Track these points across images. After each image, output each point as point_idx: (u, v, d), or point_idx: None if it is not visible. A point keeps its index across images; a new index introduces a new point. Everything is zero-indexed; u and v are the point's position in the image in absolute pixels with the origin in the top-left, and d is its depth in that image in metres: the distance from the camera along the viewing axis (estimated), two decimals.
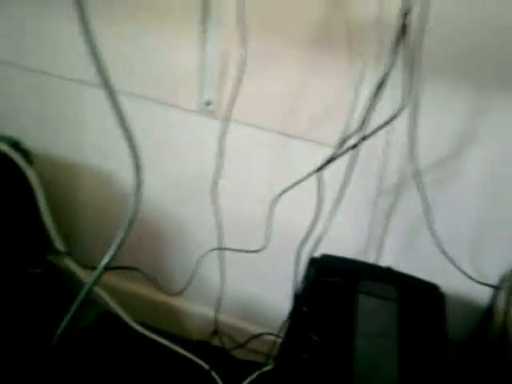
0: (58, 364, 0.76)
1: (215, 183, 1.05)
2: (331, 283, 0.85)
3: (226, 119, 1.02)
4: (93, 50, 0.56)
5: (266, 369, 1.15)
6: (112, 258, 0.67)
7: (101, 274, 0.67)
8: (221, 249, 1.12)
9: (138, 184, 0.62)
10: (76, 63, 1.10)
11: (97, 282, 0.68)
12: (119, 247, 0.66)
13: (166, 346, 1.19)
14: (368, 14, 0.86)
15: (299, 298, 0.87)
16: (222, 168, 1.04)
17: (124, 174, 1.20)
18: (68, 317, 0.69)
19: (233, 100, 0.97)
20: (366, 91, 0.92)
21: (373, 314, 0.78)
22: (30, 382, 0.74)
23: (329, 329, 0.77)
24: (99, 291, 1.09)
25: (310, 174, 0.94)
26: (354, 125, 0.96)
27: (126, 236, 0.66)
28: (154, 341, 1.17)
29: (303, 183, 0.95)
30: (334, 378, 0.69)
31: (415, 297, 0.83)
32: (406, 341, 0.74)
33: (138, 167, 0.62)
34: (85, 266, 1.07)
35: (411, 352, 0.73)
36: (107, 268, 0.98)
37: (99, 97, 1.09)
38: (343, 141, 0.90)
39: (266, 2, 0.91)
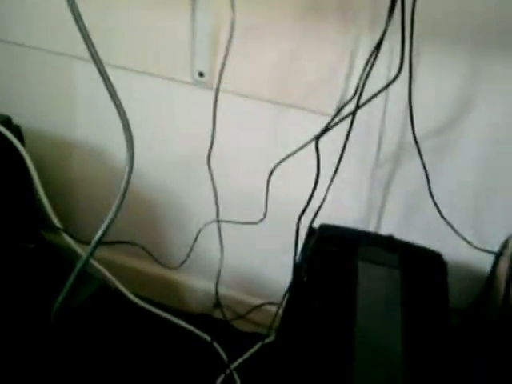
0: (56, 339, 0.75)
1: (209, 155, 1.03)
2: (331, 252, 0.84)
3: (219, 90, 1.00)
4: (80, 25, 0.54)
5: (267, 340, 1.15)
6: (107, 230, 0.66)
7: (96, 246, 0.67)
8: (219, 221, 1.11)
9: (130, 156, 0.61)
10: (66, 37, 1.08)
11: (92, 254, 0.68)
12: (113, 218, 0.66)
13: (166, 320, 1.19)
14: None
15: (299, 268, 0.86)
16: (216, 140, 1.02)
17: (116, 149, 1.18)
18: (64, 291, 0.68)
19: (224, 69, 0.94)
20: (362, 58, 0.91)
21: (374, 280, 0.77)
22: (30, 358, 0.74)
23: (330, 297, 0.77)
24: (97, 266, 1.09)
25: (306, 143, 0.93)
26: (351, 93, 0.94)
27: (119, 208, 0.65)
28: (155, 314, 1.18)
29: (300, 153, 0.94)
30: (337, 346, 0.69)
31: (418, 264, 0.82)
32: (409, 308, 0.73)
33: (129, 140, 0.60)
34: (81, 241, 1.07)
35: (415, 320, 0.72)
36: (105, 242, 0.97)
37: (89, 71, 1.09)
38: (340, 109, 0.88)
39: None
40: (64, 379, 0.78)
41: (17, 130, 1.02)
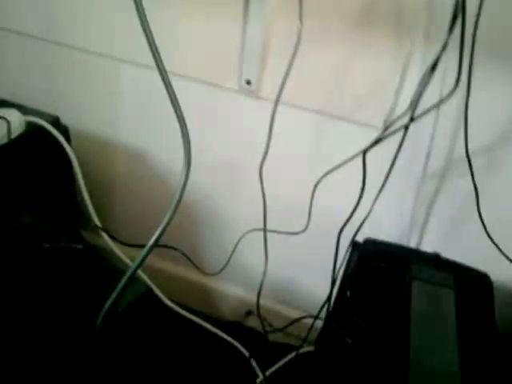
0: (102, 342, 0.76)
1: (262, 164, 1.03)
2: (377, 268, 0.83)
3: (268, 100, 1.00)
4: (148, 32, 0.55)
5: (302, 351, 1.14)
6: (160, 236, 0.66)
7: (148, 253, 0.66)
8: (262, 230, 1.11)
9: (188, 164, 0.61)
10: (116, 41, 1.09)
11: (144, 261, 0.67)
12: (166, 227, 0.65)
13: (201, 326, 1.19)
14: None
15: (342, 282, 0.85)
16: (263, 148, 1.02)
17: (159, 152, 1.19)
18: (114, 295, 0.68)
19: (286, 81, 0.94)
20: (413, 73, 0.90)
21: (428, 300, 0.76)
22: (77, 359, 0.74)
23: (377, 314, 0.76)
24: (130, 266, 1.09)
25: (354, 156, 0.92)
26: (400, 107, 0.94)
27: (173, 216, 0.65)
28: (189, 320, 1.17)
29: (346, 165, 0.93)
30: (388, 364, 0.68)
31: (469, 285, 0.81)
32: (463, 329, 0.72)
33: (187, 148, 0.60)
34: (121, 243, 1.07)
35: (468, 344, 0.71)
36: (145, 245, 0.98)
37: (136, 74, 1.10)
38: (391, 122, 0.87)
39: None
40: (106, 382, 0.78)
41: (65, 131, 1.03)
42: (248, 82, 1.02)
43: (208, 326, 1.20)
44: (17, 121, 0.94)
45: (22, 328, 0.76)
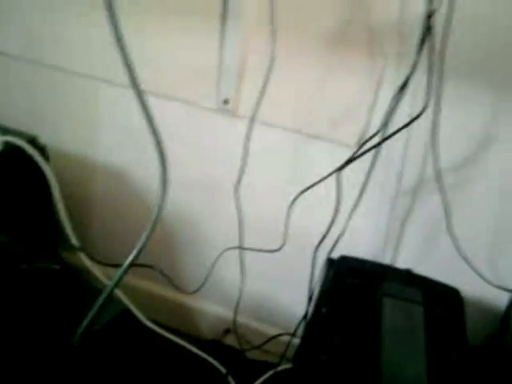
0: (78, 361, 0.75)
1: (239, 182, 1.04)
2: (351, 285, 0.85)
3: (245, 118, 1.02)
4: (123, 52, 0.56)
5: (280, 368, 1.15)
6: (136, 257, 0.66)
7: (125, 272, 0.67)
8: (238, 248, 1.12)
9: (164, 183, 0.62)
10: (91, 60, 1.10)
11: (120, 280, 0.68)
12: (142, 248, 0.66)
13: (178, 345, 1.19)
14: (389, 15, 0.86)
15: (318, 299, 0.86)
16: (240, 167, 1.03)
17: (137, 170, 1.20)
18: (90, 315, 0.68)
19: (262, 99, 0.96)
20: (386, 92, 0.92)
21: (398, 316, 0.77)
22: (54, 378, 0.74)
23: (351, 330, 0.77)
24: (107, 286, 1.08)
25: (329, 174, 0.94)
26: (373, 126, 0.96)
27: (150, 236, 0.65)
28: (168, 339, 1.17)
29: (321, 183, 0.95)
30: (361, 379, 0.69)
31: (438, 300, 0.83)
32: (432, 345, 0.73)
33: (163, 167, 0.61)
34: (99, 263, 1.07)
35: (437, 357, 0.72)
36: (117, 265, 0.98)
37: (113, 93, 1.11)
38: (364, 141, 0.90)
39: (287, 2, 0.91)
40: None
41: (42, 150, 1.03)
42: (226, 101, 1.03)
43: (186, 344, 1.20)
44: None
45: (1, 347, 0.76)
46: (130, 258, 0.66)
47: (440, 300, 0.83)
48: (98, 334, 0.77)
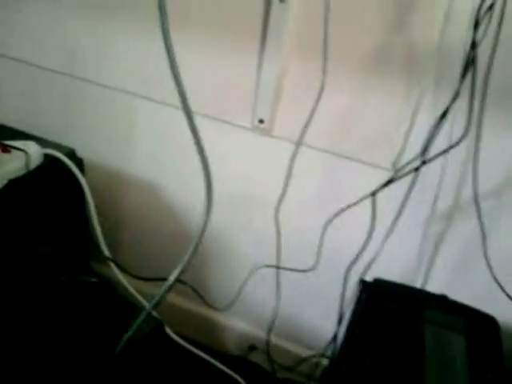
0: (118, 372, 0.76)
1: (279, 204, 1.05)
2: (386, 308, 0.84)
3: (281, 138, 1.03)
4: (176, 75, 0.57)
5: None
6: (180, 274, 0.67)
7: (170, 288, 0.68)
8: (271, 266, 1.12)
9: (209, 202, 0.63)
10: (131, 76, 1.12)
11: (164, 296, 0.68)
12: (187, 264, 0.67)
13: (205, 360, 1.19)
14: (429, 42, 0.87)
15: (351, 321, 0.86)
16: (274, 187, 1.04)
17: (170, 185, 1.21)
18: (133, 328, 0.69)
19: (309, 125, 0.97)
20: (423, 117, 0.93)
21: (440, 344, 0.77)
22: None
23: (386, 354, 0.77)
24: (143, 301, 1.09)
25: (363, 198, 0.95)
26: (409, 150, 0.96)
27: (194, 254, 0.66)
28: (195, 354, 1.18)
29: (357, 205, 0.95)
30: None
31: (478, 329, 0.82)
32: (474, 374, 0.73)
33: (209, 187, 0.62)
34: (131, 276, 1.08)
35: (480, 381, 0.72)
36: (154, 279, 0.98)
37: (149, 109, 1.13)
38: (403, 165, 0.90)
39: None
40: None
41: (80, 163, 1.04)
42: (261, 121, 1.04)
43: (213, 360, 1.20)
44: (35, 153, 0.96)
45: (43, 356, 0.77)
46: (174, 275, 0.67)
47: (479, 329, 0.83)
48: (135, 347, 0.78)
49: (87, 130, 1.23)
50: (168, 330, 1.12)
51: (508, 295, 0.95)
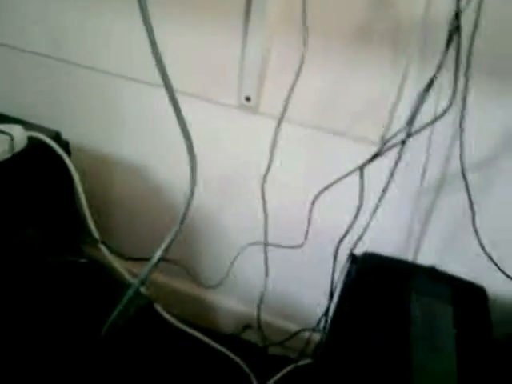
0: (105, 353, 0.77)
1: (264, 179, 1.05)
2: (376, 281, 0.85)
3: (267, 116, 1.02)
4: (156, 52, 0.56)
5: (301, 363, 1.15)
6: (164, 253, 0.67)
7: (153, 267, 0.68)
8: (260, 244, 1.12)
9: (193, 180, 0.62)
10: (116, 57, 1.11)
11: (148, 275, 0.68)
12: (171, 242, 0.66)
13: (198, 339, 1.20)
14: (414, 13, 0.86)
15: (341, 295, 0.86)
16: (262, 163, 1.04)
17: (157, 166, 1.20)
18: (118, 308, 0.69)
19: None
20: (409, 89, 0.92)
21: (427, 313, 0.77)
22: (81, 370, 0.75)
23: (377, 327, 0.77)
24: (134, 282, 1.09)
25: (351, 172, 0.94)
26: (396, 123, 0.96)
27: (179, 232, 0.66)
28: (187, 332, 1.18)
29: (344, 180, 0.95)
30: (391, 375, 0.69)
31: (466, 298, 0.83)
32: (461, 344, 0.74)
33: (193, 165, 0.62)
34: (119, 257, 1.08)
35: (467, 356, 0.73)
36: (145, 259, 0.98)
37: (136, 91, 1.12)
38: (389, 138, 0.90)
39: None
40: None
41: (65, 145, 1.04)
42: (247, 99, 1.03)
43: (205, 339, 1.21)
44: (19, 136, 0.95)
45: (29, 337, 0.77)
46: (158, 253, 0.67)
47: (467, 298, 0.83)
48: (123, 327, 0.78)
49: (72, 112, 1.21)
50: (159, 309, 1.12)
51: (497, 265, 0.95)
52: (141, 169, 1.22)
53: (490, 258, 0.95)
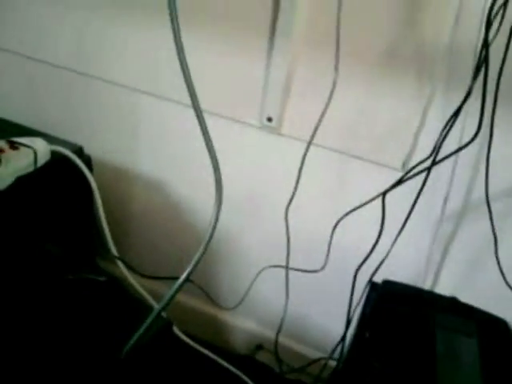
0: (125, 373, 0.76)
1: (289, 204, 1.05)
2: (396, 310, 0.83)
3: (289, 136, 1.02)
4: (186, 73, 0.56)
5: None
6: (190, 273, 0.66)
7: (180, 287, 0.67)
8: (279, 266, 1.11)
9: (219, 200, 0.62)
10: (138, 73, 1.11)
11: (173, 298, 0.68)
12: (195, 268, 0.66)
13: (212, 359, 1.19)
14: (441, 40, 0.86)
15: (360, 323, 0.85)
16: (284, 186, 1.03)
17: (176, 184, 1.21)
18: (141, 330, 0.69)
19: (320, 125, 0.96)
20: (433, 117, 0.92)
21: (453, 348, 0.76)
22: None
23: (398, 357, 0.76)
24: (151, 300, 1.09)
25: (373, 198, 0.94)
26: (419, 150, 0.95)
27: (203, 254, 0.66)
28: (203, 354, 1.17)
29: (366, 205, 0.94)
30: None
31: (490, 333, 0.81)
32: (487, 379, 0.72)
33: (219, 187, 0.62)
34: (138, 275, 1.08)
35: None
36: (163, 278, 0.98)
37: (159, 107, 1.12)
38: (414, 165, 0.89)
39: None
40: None
41: (88, 160, 1.04)
42: (269, 119, 1.03)
43: (219, 359, 1.19)
44: (43, 150, 0.95)
45: (47, 357, 0.76)
46: (181, 279, 0.67)
47: (491, 332, 0.82)
48: (143, 348, 0.77)
49: (93, 126, 1.22)
50: (176, 330, 1.11)
51: None
52: (160, 185, 1.22)
53: (510, 286, 0.94)
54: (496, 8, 0.75)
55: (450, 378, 0.72)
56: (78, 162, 1.01)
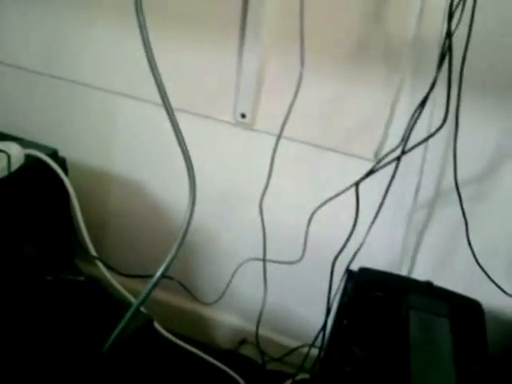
0: (106, 371, 0.77)
1: (263, 196, 1.06)
2: (373, 296, 0.85)
3: (263, 132, 1.03)
4: (155, 72, 0.57)
5: (298, 378, 1.16)
6: (167, 269, 0.67)
7: (153, 287, 0.68)
8: (258, 259, 1.13)
9: (193, 197, 0.63)
10: (111, 74, 1.12)
11: (151, 291, 0.69)
12: (170, 263, 0.67)
13: (195, 354, 1.20)
14: (406, 31, 0.87)
15: (338, 311, 0.87)
16: (259, 181, 1.04)
17: (152, 183, 1.21)
18: (120, 326, 0.69)
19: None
20: (402, 107, 0.94)
21: (426, 329, 0.78)
22: None
23: (375, 342, 0.78)
24: (131, 299, 1.10)
25: (347, 189, 0.95)
26: (390, 140, 0.97)
27: (179, 250, 0.66)
28: (184, 349, 1.18)
29: (340, 196, 0.96)
30: None
31: (462, 313, 0.84)
32: (459, 356, 0.74)
33: (192, 182, 0.62)
34: (117, 273, 1.08)
35: (464, 367, 0.73)
36: (143, 276, 0.99)
37: (132, 108, 1.13)
38: (385, 155, 0.91)
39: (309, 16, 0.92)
40: None
41: (62, 162, 1.04)
42: (243, 116, 1.04)
43: (203, 354, 1.20)
44: (17, 154, 0.95)
45: (28, 356, 0.77)
46: (158, 273, 0.67)
47: (464, 313, 0.84)
48: (124, 344, 0.78)
49: (67, 129, 1.22)
50: (157, 326, 1.12)
51: (491, 279, 0.96)
52: (137, 185, 1.22)
53: (484, 271, 0.96)
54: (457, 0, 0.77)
55: (424, 358, 0.74)
56: (53, 164, 1.01)
